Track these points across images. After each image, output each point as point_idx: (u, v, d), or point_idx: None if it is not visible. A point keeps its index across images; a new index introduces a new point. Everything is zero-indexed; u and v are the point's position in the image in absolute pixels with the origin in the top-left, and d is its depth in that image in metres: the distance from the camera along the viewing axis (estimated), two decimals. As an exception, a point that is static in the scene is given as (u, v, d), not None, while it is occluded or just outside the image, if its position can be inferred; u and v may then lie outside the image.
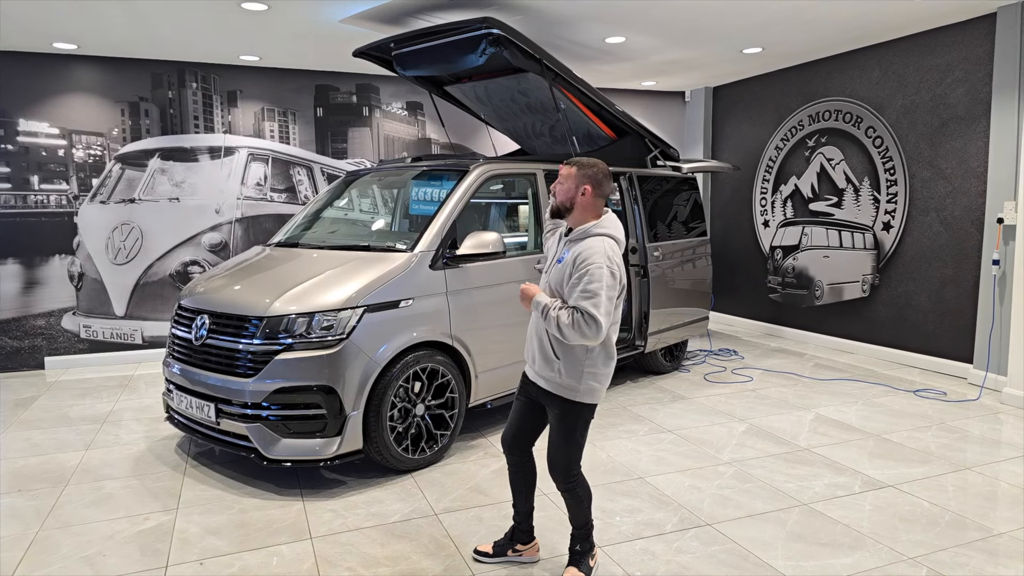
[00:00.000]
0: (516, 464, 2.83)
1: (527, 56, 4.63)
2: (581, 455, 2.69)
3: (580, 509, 2.72)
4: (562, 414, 2.62)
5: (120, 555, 3.01)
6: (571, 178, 2.63)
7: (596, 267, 2.44)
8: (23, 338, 6.40)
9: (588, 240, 2.55)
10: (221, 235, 6.91)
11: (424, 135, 7.65)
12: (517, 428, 2.79)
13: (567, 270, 2.54)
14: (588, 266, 2.45)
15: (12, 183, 6.27)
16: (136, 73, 6.57)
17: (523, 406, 2.78)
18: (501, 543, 2.93)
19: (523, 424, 2.78)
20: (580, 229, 2.59)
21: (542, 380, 2.65)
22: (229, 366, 3.66)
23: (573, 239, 2.60)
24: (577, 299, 2.44)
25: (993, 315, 5.39)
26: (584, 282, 2.44)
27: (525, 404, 2.77)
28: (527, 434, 2.80)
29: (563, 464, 2.66)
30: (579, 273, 2.46)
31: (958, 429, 4.57)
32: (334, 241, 4.57)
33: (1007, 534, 3.15)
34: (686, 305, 5.94)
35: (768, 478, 3.78)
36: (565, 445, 2.65)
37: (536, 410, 2.75)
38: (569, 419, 2.62)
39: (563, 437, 2.64)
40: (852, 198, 6.74)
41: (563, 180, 2.65)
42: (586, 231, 2.57)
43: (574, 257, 2.52)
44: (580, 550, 2.78)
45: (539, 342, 2.64)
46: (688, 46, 6.36)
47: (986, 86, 5.50)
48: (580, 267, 2.47)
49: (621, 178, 5.47)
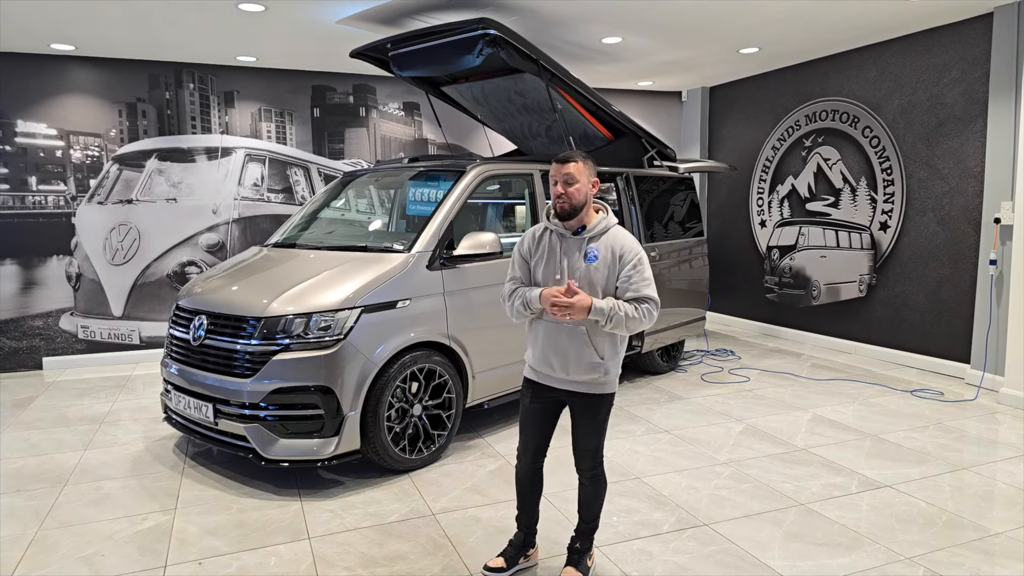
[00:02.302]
0: (535, 471, 2.77)
1: (524, 56, 4.64)
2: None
3: (599, 497, 2.74)
4: (600, 408, 2.62)
5: (119, 555, 3.01)
6: (583, 174, 2.53)
7: (642, 255, 2.54)
8: (21, 338, 6.39)
9: (613, 232, 2.58)
10: (218, 236, 6.91)
11: (421, 135, 7.65)
12: (542, 437, 2.72)
13: (609, 266, 2.52)
14: (635, 256, 2.52)
15: (10, 184, 6.27)
16: (133, 74, 6.57)
17: (541, 413, 2.70)
18: (511, 554, 2.83)
19: (546, 431, 2.73)
20: (599, 225, 2.57)
21: (581, 386, 2.58)
22: (227, 366, 3.66)
23: (594, 235, 2.56)
24: (640, 288, 2.50)
25: (990, 315, 5.40)
26: (638, 271, 2.51)
27: (543, 411, 2.69)
28: (547, 440, 2.75)
29: (595, 448, 2.68)
30: (631, 264, 2.51)
31: (955, 429, 4.59)
32: (331, 242, 4.57)
33: (1004, 534, 3.16)
34: (683, 305, 5.95)
35: (765, 478, 3.79)
36: (599, 433, 2.67)
37: (554, 414, 2.71)
38: (605, 410, 2.64)
39: (598, 427, 2.65)
40: (849, 198, 6.75)
41: (575, 177, 2.51)
42: (605, 225, 2.58)
43: (612, 252, 2.52)
44: (580, 548, 2.77)
45: (577, 349, 2.53)
46: (685, 46, 6.37)
47: (983, 86, 5.51)
48: (628, 259, 2.51)
49: (618, 178, 5.48)
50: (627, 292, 2.51)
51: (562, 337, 2.55)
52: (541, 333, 2.60)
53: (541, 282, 2.61)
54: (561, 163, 2.54)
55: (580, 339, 2.53)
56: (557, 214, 2.58)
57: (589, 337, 2.53)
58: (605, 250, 2.53)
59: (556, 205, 2.55)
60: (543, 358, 2.60)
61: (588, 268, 2.53)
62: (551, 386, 2.63)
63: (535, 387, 2.68)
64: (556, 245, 2.60)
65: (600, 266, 2.52)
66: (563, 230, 2.59)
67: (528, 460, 2.74)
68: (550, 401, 2.67)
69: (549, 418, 2.71)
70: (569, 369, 2.56)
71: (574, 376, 2.56)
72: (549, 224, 2.64)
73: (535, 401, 2.69)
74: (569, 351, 2.54)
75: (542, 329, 2.60)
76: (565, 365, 2.56)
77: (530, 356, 2.68)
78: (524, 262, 2.66)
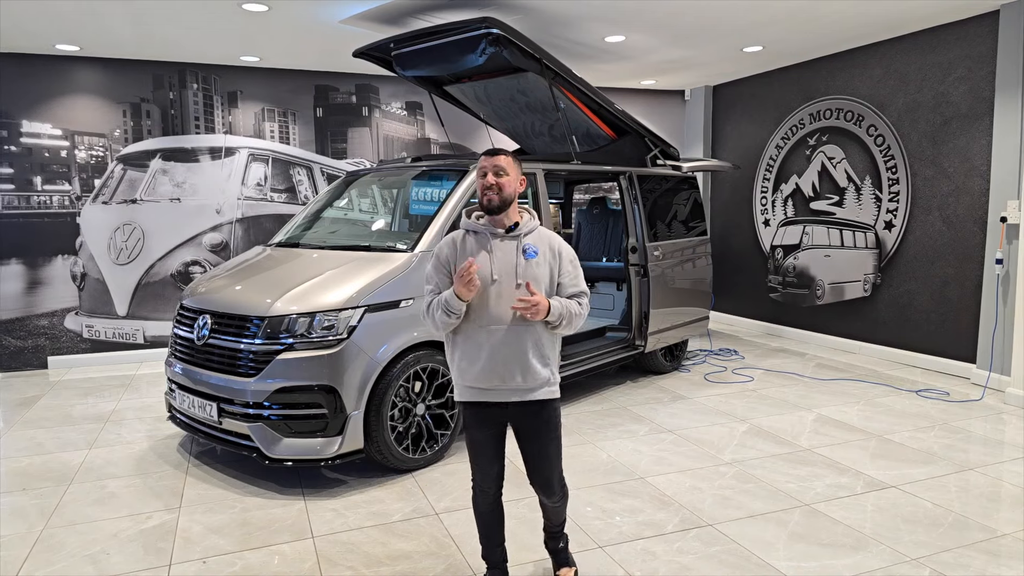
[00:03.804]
0: (497, 502, 2.58)
1: (527, 56, 4.63)
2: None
3: (565, 507, 2.67)
4: (551, 416, 2.48)
5: (124, 553, 3.02)
6: (512, 168, 2.42)
7: (574, 253, 2.55)
8: (26, 338, 6.41)
9: (542, 231, 2.52)
10: (222, 235, 6.93)
11: (423, 135, 7.65)
12: (500, 462, 2.51)
13: (550, 263, 2.44)
14: (571, 252, 2.53)
15: (15, 184, 6.29)
16: (137, 74, 6.58)
17: (494, 439, 2.48)
18: None
19: (502, 455, 2.52)
20: (530, 223, 2.49)
21: (533, 393, 2.41)
22: (231, 366, 3.67)
23: (525, 234, 2.45)
24: (579, 285, 2.50)
25: (996, 315, 5.37)
26: (576, 267, 2.52)
27: (495, 436, 2.48)
28: (504, 463, 2.54)
29: (559, 472, 2.54)
30: (569, 260, 2.50)
31: (961, 429, 4.56)
32: (334, 241, 4.57)
33: (1010, 535, 3.14)
34: (686, 305, 5.94)
35: (769, 478, 3.77)
36: (557, 451, 2.52)
37: (503, 435, 2.51)
38: (555, 417, 2.50)
39: (554, 442, 2.50)
40: (854, 197, 6.73)
41: (504, 171, 2.39)
42: (535, 224, 2.51)
43: (551, 249, 2.46)
44: (564, 547, 2.76)
45: (533, 352, 2.39)
46: (688, 45, 6.36)
47: (989, 84, 5.48)
48: (566, 256, 2.49)
49: (621, 177, 5.47)
50: (568, 288, 2.47)
51: (510, 342, 2.36)
52: (485, 343, 2.36)
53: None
54: (491, 155, 2.44)
55: (533, 341, 2.38)
56: (485, 207, 2.42)
57: (538, 338, 2.40)
58: (543, 247, 2.45)
59: (484, 198, 2.40)
60: (490, 371, 2.37)
61: (530, 264, 2.40)
62: (499, 402, 2.41)
63: (481, 409, 2.44)
64: (484, 245, 2.42)
65: (541, 262, 2.42)
66: (494, 228, 2.43)
67: (492, 491, 2.53)
68: (498, 423, 2.47)
69: (501, 441, 2.50)
70: (525, 376, 2.37)
71: (529, 383, 2.39)
72: (471, 224, 2.47)
73: (485, 427, 2.46)
74: (522, 357, 2.37)
75: (482, 337, 2.36)
76: (519, 372, 2.37)
77: (467, 374, 2.41)
78: (445, 269, 2.45)
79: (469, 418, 2.49)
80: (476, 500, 2.58)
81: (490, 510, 2.57)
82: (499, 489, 2.56)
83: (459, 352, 2.44)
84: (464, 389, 2.46)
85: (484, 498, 2.55)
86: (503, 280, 2.38)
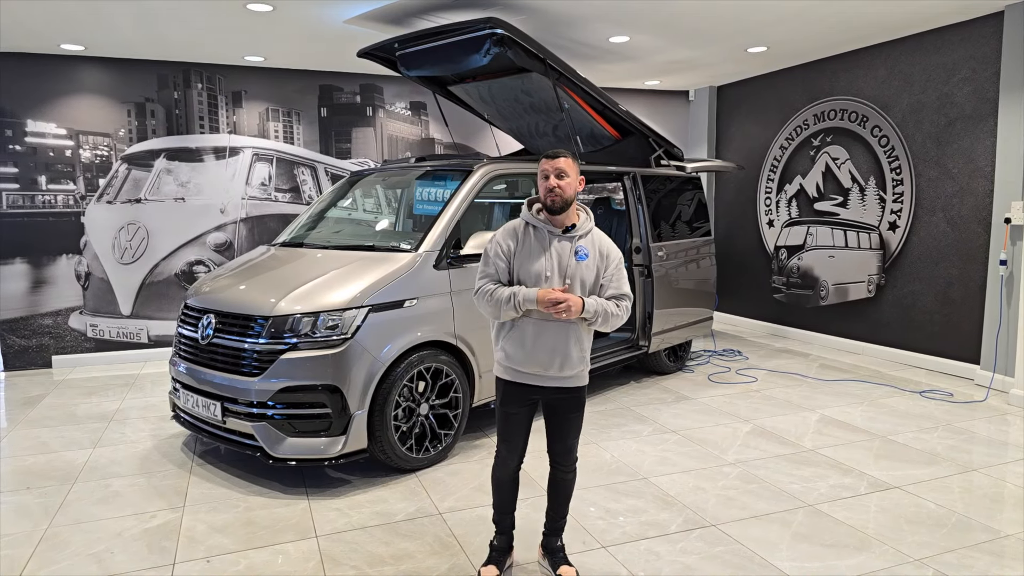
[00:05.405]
0: (516, 474, 2.77)
1: (531, 56, 4.63)
2: None
3: (572, 490, 2.80)
4: (583, 400, 2.69)
5: (128, 552, 3.03)
6: (572, 169, 2.56)
7: (621, 256, 2.68)
8: (31, 337, 6.43)
9: (596, 234, 2.67)
10: (226, 235, 6.94)
11: (428, 135, 7.66)
12: (526, 439, 2.74)
13: (598, 265, 2.60)
14: (618, 257, 2.65)
15: (20, 183, 6.31)
16: (142, 74, 6.60)
17: (525, 416, 2.69)
18: (500, 559, 2.82)
19: (528, 432, 2.75)
20: (586, 225, 2.65)
21: (570, 380, 2.62)
22: (235, 365, 3.67)
23: (580, 235, 2.61)
24: (621, 286, 2.61)
25: (1000, 316, 5.36)
26: (620, 271, 2.64)
27: (526, 413, 2.70)
28: (528, 440, 2.77)
29: (576, 442, 2.74)
30: (615, 264, 2.63)
31: (964, 430, 4.56)
32: (338, 241, 4.58)
33: (1014, 536, 3.14)
34: (690, 305, 5.93)
35: (773, 479, 3.77)
36: (579, 423, 2.73)
37: (532, 415, 2.73)
38: (583, 397, 2.70)
39: (581, 419, 2.72)
40: (858, 198, 6.72)
41: (565, 173, 2.54)
42: (591, 226, 2.67)
43: (600, 252, 2.63)
44: (562, 544, 2.84)
45: (570, 346, 2.57)
46: (692, 45, 6.35)
47: (993, 85, 5.47)
48: (612, 259, 2.63)
49: (625, 177, 5.47)
50: (608, 290, 2.61)
51: (554, 335, 2.56)
52: (530, 333, 2.57)
53: (524, 279, 2.57)
54: (552, 158, 2.57)
55: (572, 336, 2.58)
56: (548, 208, 2.57)
57: (579, 333, 2.60)
58: (593, 250, 2.61)
59: (548, 199, 2.55)
60: (532, 359, 2.58)
61: (580, 266, 2.57)
62: (535, 386, 2.62)
63: (517, 389, 2.65)
64: (542, 242, 2.59)
65: (590, 264, 2.59)
66: (552, 227, 2.59)
67: (514, 464, 2.74)
68: (531, 403, 2.68)
69: (530, 417, 2.74)
70: (563, 366, 2.59)
71: (566, 372, 2.60)
72: (532, 219, 2.62)
73: (519, 404, 2.67)
74: (564, 349, 2.58)
75: (531, 329, 2.57)
76: (558, 363, 2.58)
77: (512, 358, 2.61)
78: (505, 258, 2.61)
79: (505, 394, 2.68)
80: (496, 470, 2.78)
81: (509, 479, 2.77)
82: (520, 462, 2.75)
83: (506, 336, 2.64)
84: (505, 368, 2.66)
85: (505, 470, 2.75)
86: (554, 279, 2.56)
